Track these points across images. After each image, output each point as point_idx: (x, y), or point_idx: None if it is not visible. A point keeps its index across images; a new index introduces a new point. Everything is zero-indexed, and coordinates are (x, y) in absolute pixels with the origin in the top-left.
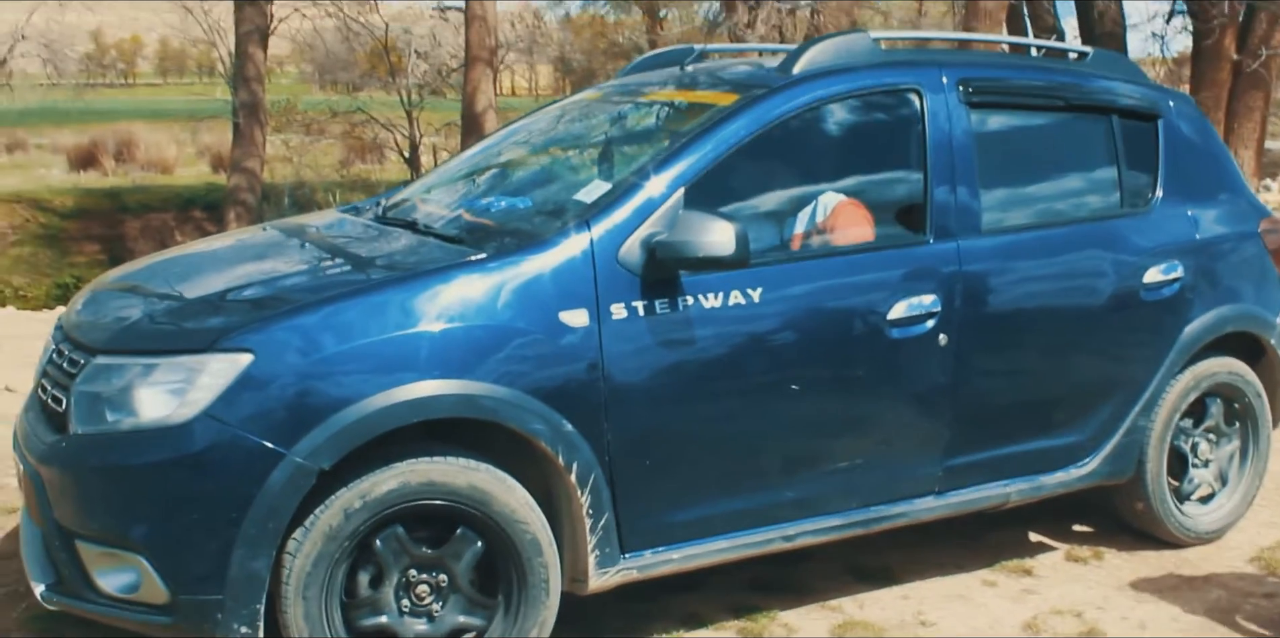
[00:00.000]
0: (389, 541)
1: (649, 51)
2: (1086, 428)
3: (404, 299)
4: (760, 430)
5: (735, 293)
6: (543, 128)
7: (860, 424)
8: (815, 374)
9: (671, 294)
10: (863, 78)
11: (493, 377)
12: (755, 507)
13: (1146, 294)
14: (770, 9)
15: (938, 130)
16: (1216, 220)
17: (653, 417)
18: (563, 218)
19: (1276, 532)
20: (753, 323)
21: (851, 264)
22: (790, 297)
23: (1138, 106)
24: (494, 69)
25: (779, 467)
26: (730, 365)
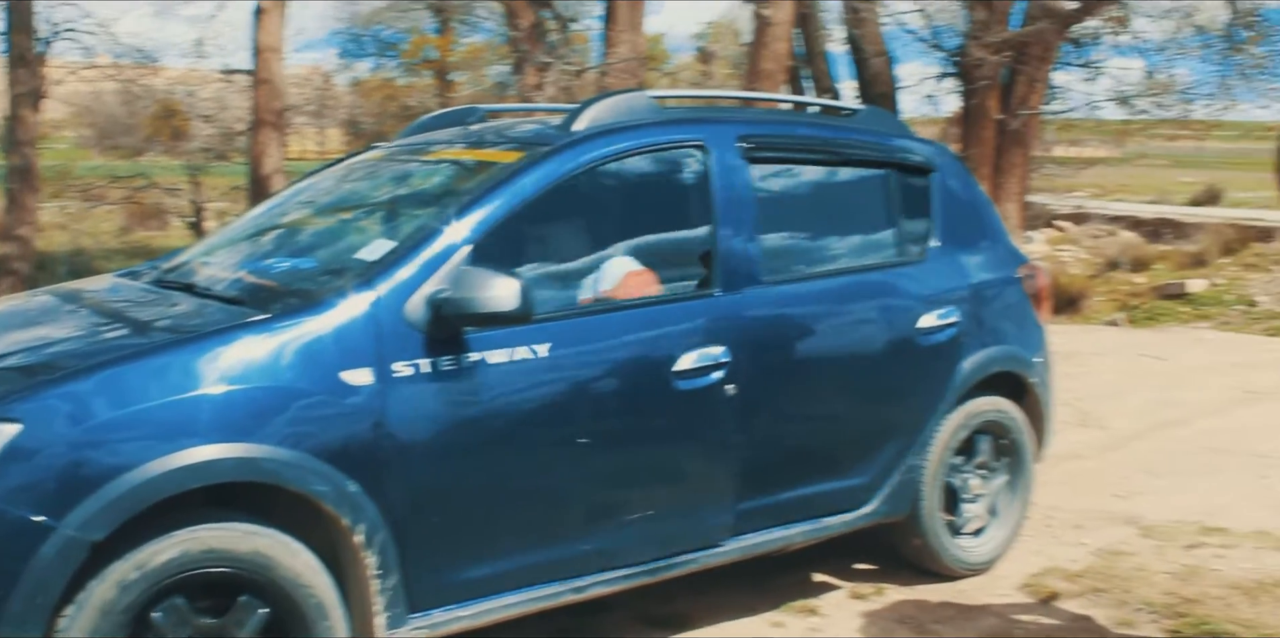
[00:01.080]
0: (169, 612)
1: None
2: (868, 470)
3: (183, 362)
4: (551, 485)
5: (522, 349)
6: (326, 187)
7: (651, 475)
8: (604, 428)
9: (457, 351)
10: (646, 135)
11: (275, 439)
12: (546, 562)
13: (923, 339)
14: (559, 71)
15: (718, 185)
16: (983, 267)
17: (440, 475)
18: (345, 277)
19: (1042, 559)
20: (540, 378)
21: (639, 318)
22: (578, 351)
23: (913, 160)
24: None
25: (570, 521)
26: (518, 421)
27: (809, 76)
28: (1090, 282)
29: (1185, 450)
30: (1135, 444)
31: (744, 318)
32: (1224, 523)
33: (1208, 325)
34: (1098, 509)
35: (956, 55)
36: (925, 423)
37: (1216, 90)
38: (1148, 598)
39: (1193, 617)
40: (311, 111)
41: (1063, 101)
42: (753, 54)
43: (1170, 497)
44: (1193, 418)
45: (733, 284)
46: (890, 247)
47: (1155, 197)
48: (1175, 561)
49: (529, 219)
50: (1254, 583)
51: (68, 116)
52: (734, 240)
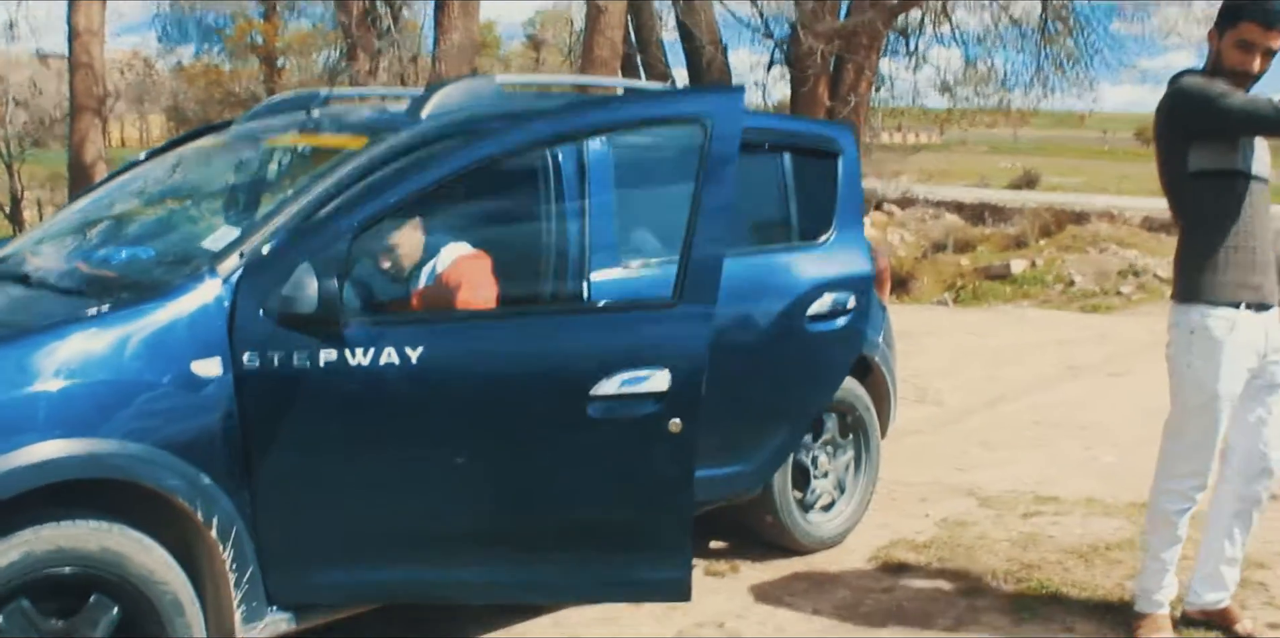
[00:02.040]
0: (13, 616)
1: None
2: (757, 455)
3: (18, 358)
4: (401, 498)
5: (389, 350)
6: (161, 175)
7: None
8: (456, 442)
9: (312, 346)
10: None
11: (121, 433)
12: (409, 580)
13: (811, 325)
14: (392, 57)
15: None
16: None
17: (292, 469)
18: (190, 265)
19: (889, 532)
20: (400, 385)
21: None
22: (452, 361)
23: (816, 145)
24: (103, 118)
25: (418, 526)
26: (364, 425)
27: (643, 64)
28: (918, 263)
29: (1016, 424)
30: (970, 419)
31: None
32: (1056, 492)
33: (1029, 304)
34: (939, 482)
35: (787, 44)
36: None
37: (1033, 80)
38: (991, 566)
39: (1034, 581)
40: (134, 98)
41: (889, 90)
42: (586, 41)
43: (1005, 469)
44: (1021, 393)
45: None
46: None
47: (976, 182)
48: (1014, 529)
49: (379, 209)
50: (1087, 547)
51: None
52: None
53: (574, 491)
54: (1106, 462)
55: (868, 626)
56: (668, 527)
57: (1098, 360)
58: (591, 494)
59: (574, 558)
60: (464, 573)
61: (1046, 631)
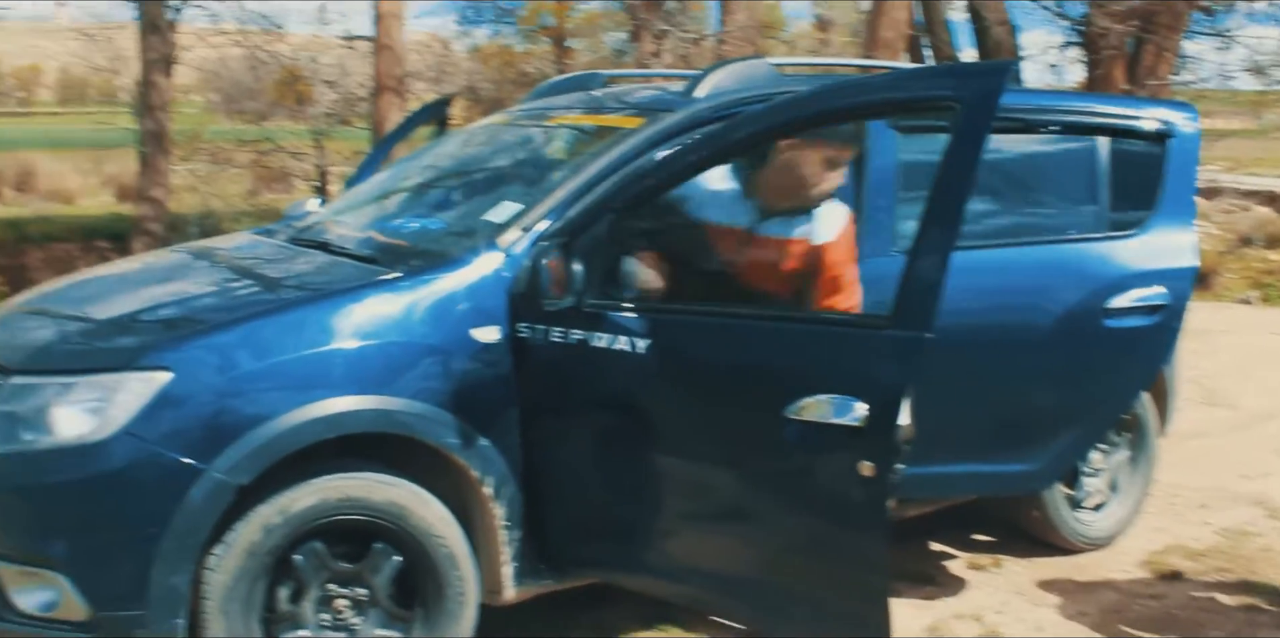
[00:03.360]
0: (309, 556)
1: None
2: (1043, 454)
3: (319, 317)
4: (658, 490)
5: (622, 338)
6: (451, 151)
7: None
8: (716, 447)
9: (566, 325)
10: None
11: (408, 392)
12: (664, 570)
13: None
14: (676, 39)
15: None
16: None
17: (554, 438)
18: (474, 237)
19: (1164, 537)
20: (624, 373)
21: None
22: (668, 357)
23: (1142, 126)
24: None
25: (679, 538)
26: (623, 410)
27: (929, 45)
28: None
29: None
30: (1264, 424)
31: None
32: None
33: None
34: (1224, 489)
35: (1081, 24)
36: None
37: None
38: (1273, 580)
39: None
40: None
41: (1193, 72)
42: (871, 22)
43: None
44: None
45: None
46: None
47: None
48: None
49: (650, 189)
50: None
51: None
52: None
53: (768, 513)
54: None
55: (1134, 631)
56: (860, 566)
57: None
58: (785, 519)
59: (765, 581)
60: (679, 572)
61: None
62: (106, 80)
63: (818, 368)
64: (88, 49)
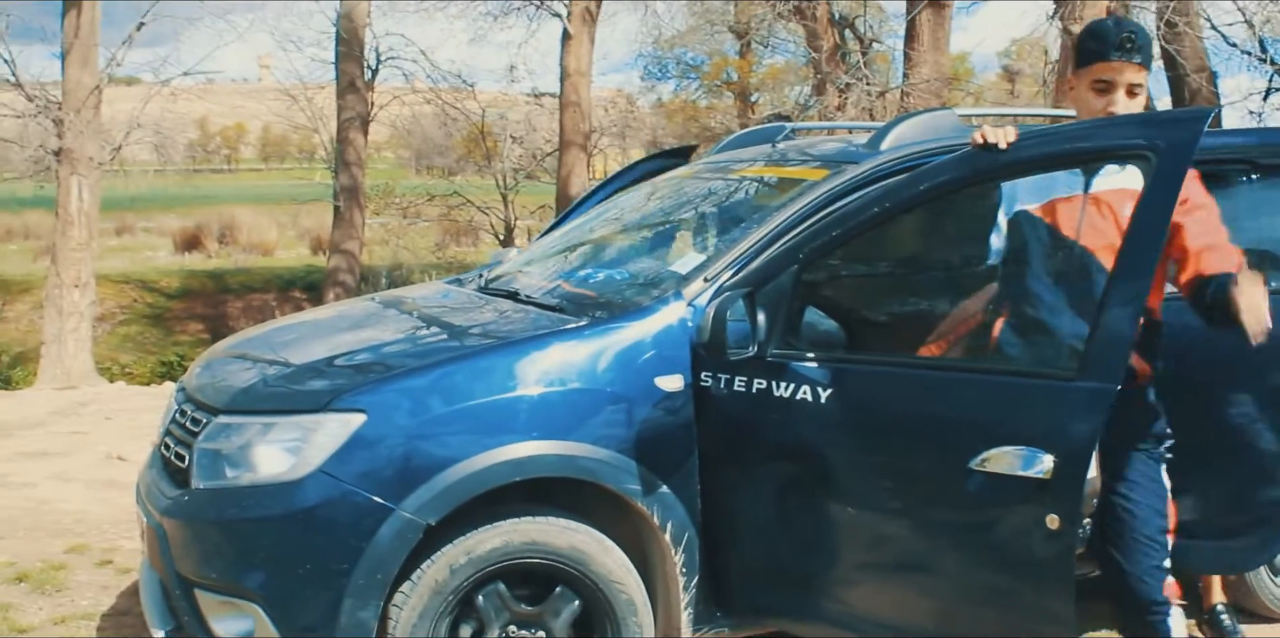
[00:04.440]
0: (491, 596)
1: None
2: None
3: (507, 364)
4: (845, 540)
5: (804, 387)
6: (636, 203)
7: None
8: (901, 505)
9: (749, 374)
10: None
11: (591, 438)
12: (832, 609)
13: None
14: (860, 92)
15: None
16: None
17: (733, 487)
18: (660, 287)
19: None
20: (806, 423)
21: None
22: (882, 409)
23: None
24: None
25: (870, 588)
26: (809, 463)
27: None
28: None
29: None
30: None
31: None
32: None
33: None
34: None
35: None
36: None
37: None
38: None
39: None
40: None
41: None
42: (1060, 70)
43: None
44: None
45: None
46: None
47: None
48: None
49: (833, 241)
50: None
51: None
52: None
53: (951, 564)
54: None
55: None
56: (1044, 620)
57: None
58: (968, 572)
59: (945, 634)
60: (855, 622)
61: None
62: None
63: (1005, 419)
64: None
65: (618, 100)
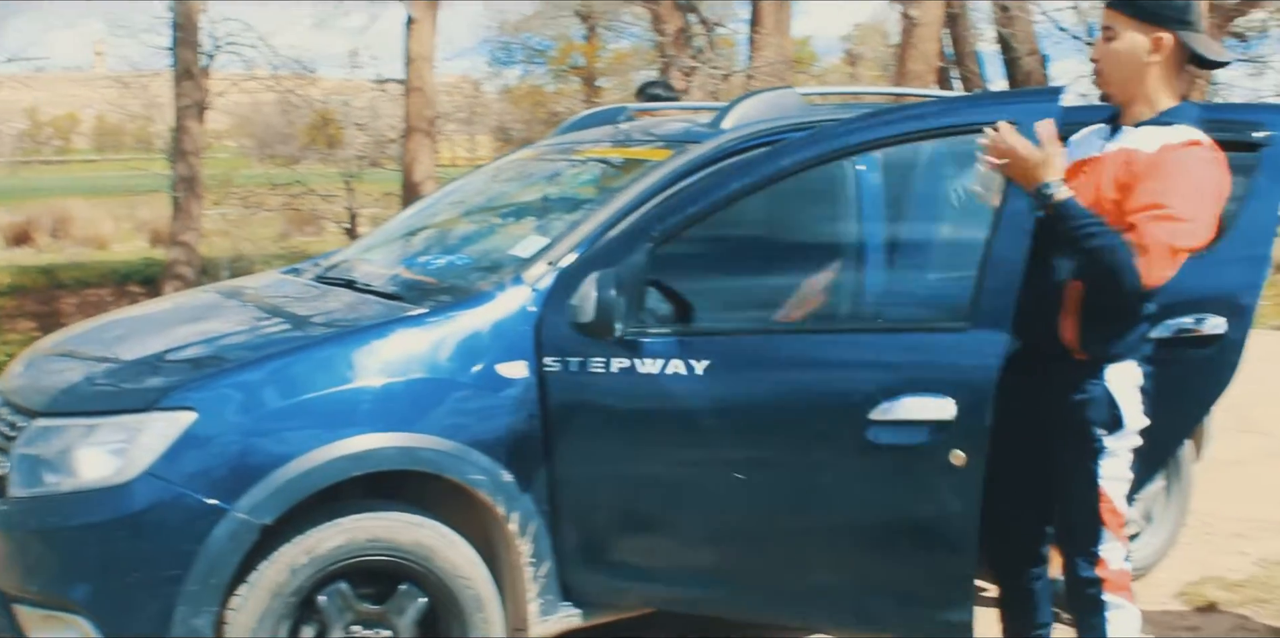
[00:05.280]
0: (333, 596)
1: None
2: None
3: (345, 354)
4: (696, 513)
5: (675, 362)
6: (479, 187)
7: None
8: (771, 471)
9: (607, 354)
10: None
11: (434, 429)
12: (700, 596)
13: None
14: (705, 75)
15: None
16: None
17: (585, 472)
18: (501, 272)
19: (1199, 568)
20: (685, 397)
21: (835, 345)
22: (740, 376)
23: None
24: (433, 139)
25: (727, 558)
26: (659, 436)
27: (959, 77)
28: None
29: None
30: None
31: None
32: None
33: None
34: (1260, 518)
35: None
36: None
37: None
38: None
39: None
40: (462, 119)
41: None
42: (900, 55)
43: None
44: None
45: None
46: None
47: None
48: None
49: (681, 220)
50: None
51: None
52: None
53: (851, 516)
54: None
55: None
56: (949, 564)
57: None
58: (868, 522)
59: (847, 585)
60: (741, 590)
61: None
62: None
63: (905, 370)
64: (123, 97)
65: (463, 86)
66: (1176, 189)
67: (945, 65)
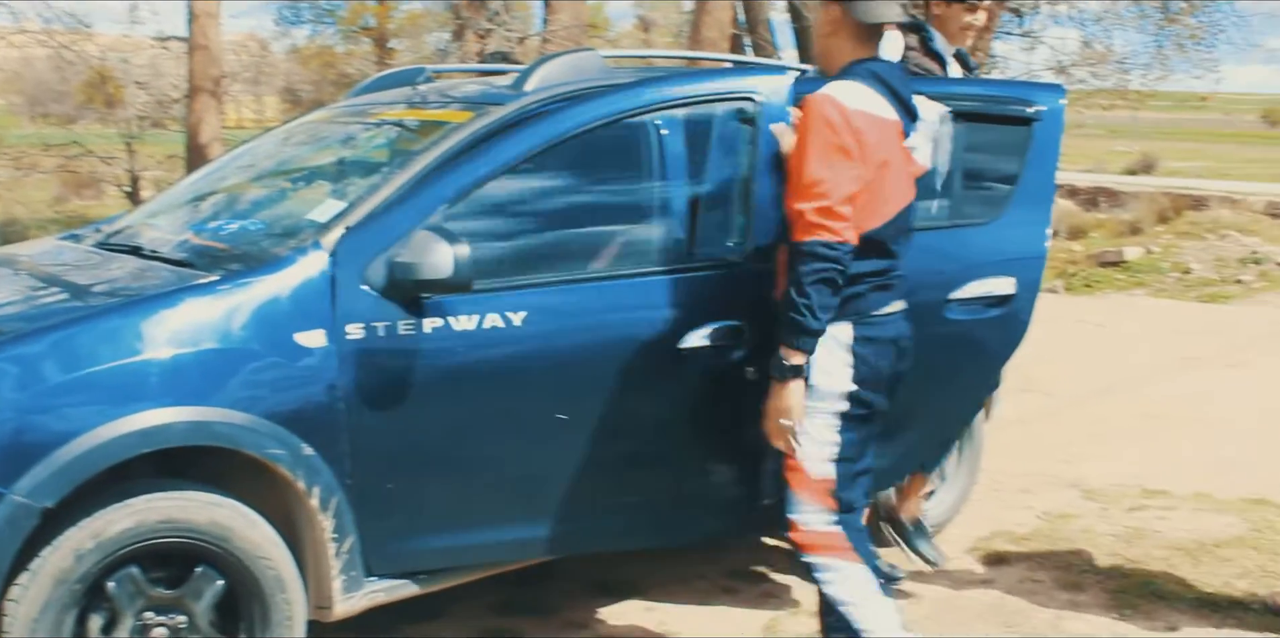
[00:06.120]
0: (124, 582)
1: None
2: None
3: (130, 325)
4: (513, 461)
5: (492, 316)
6: (271, 150)
7: (641, 462)
8: (589, 409)
9: (415, 315)
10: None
11: (228, 402)
12: (510, 540)
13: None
14: (500, 38)
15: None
16: None
17: (393, 440)
18: (296, 238)
19: (990, 523)
20: (507, 348)
21: (635, 289)
22: (555, 324)
23: (1004, 111)
24: (219, 100)
25: (540, 502)
26: (479, 391)
27: (751, 45)
28: None
29: (1126, 415)
30: (1078, 409)
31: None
32: (1164, 486)
33: (1143, 292)
34: (1044, 473)
35: None
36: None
37: (1152, 61)
38: (1093, 561)
39: (1136, 578)
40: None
41: (1002, 71)
42: (694, 22)
43: (1112, 461)
44: (1132, 384)
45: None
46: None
47: (1091, 166)
48: (1119, 523)
49: (483, 180)
50: (1195, 544)
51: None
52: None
53: (677, 435)
54: (1220, 456)
55: (965, 617)
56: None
57: (1214, 351)
58: (691, 435)
59: (660, 501)
60: (556, 525)
61: (1148, 629)
62: None
63: (704, 304)
64: None
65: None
66: (801, 154)
67: (738, 32)
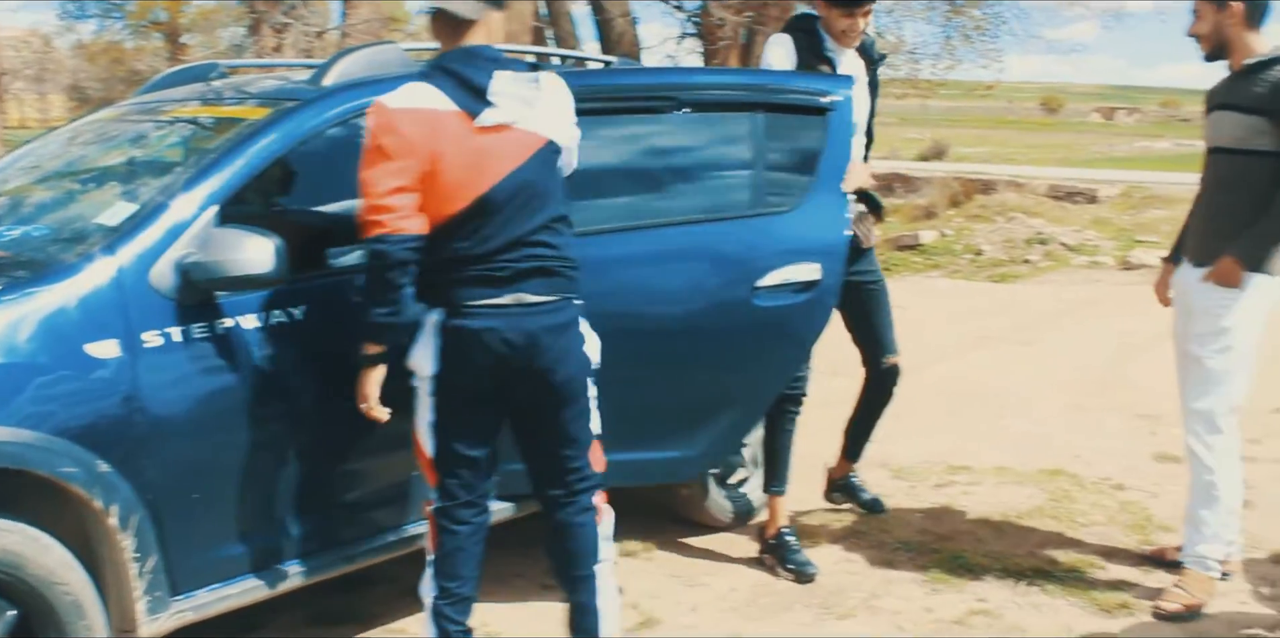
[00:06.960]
0: None
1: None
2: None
3: None
4: (313, 456)
5: (277, 312)
6: (55, 151)
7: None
8: (334, 396)
9: (209, 318)
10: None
11: (15, 419)
12: (314, 534)
13: (761, 300)
14: (298, 33)
15: None
16: None
17: (196, 448)
18: (84, 243)
19: (803, 507)
20: (294, 343)
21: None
22: (336, 315)
23: (801, 100)
24: None
25: (338, 495)
26: (273, 389)
27: (553, 37)
28: None
29: (927, 394)
30: None
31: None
32: (967, 462)
33: (939, 274)
34: None
35: (697, 16)
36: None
37: (941, 51)
38: (904, 537)
39: (946, 552)
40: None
41: None
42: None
43: (916, 439)
44: (931, 363)
45: None
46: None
47: (886, 153)
48: (926, 499)
49: (280, 176)
50: (999, 516)
51: None
52: None
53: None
54: (1017, 430)
55: (783, 601)
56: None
57: (1006, 329)
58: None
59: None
60: (353, 515)
61: (960, 601)
62: None
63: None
64: None
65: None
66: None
67: (540, 25)
